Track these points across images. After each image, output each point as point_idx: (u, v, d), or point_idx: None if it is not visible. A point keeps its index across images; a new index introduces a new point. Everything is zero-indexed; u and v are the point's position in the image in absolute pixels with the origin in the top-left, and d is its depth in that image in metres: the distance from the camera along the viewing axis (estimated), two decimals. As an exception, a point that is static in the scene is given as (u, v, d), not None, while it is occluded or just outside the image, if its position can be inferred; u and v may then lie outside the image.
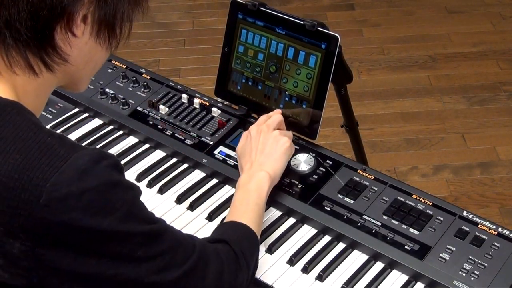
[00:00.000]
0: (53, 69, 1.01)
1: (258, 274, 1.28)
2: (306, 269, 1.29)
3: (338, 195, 1.40)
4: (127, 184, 0.99)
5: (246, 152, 1.41)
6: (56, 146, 0.93)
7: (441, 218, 1.33)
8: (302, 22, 1.49)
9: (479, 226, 1.31)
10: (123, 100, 1.67)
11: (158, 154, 1.57)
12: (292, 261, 1.30)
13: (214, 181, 1.50)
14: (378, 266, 1.30)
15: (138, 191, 1.02)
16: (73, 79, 1.08)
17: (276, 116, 1.47)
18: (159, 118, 1.63)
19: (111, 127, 1.65)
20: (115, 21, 1.04)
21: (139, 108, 1.66)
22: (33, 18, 0.94)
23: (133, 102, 1.68)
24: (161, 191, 1.47)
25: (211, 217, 1.40)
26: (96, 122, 1.67)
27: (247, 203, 1.30)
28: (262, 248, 1.33)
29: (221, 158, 1.51)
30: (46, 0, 0.94)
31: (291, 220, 1.40)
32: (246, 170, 1.38)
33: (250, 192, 1.32)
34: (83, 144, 1.58)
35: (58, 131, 1.62)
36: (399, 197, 1.38)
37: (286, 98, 1.54)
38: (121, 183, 0.97)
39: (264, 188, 1.33)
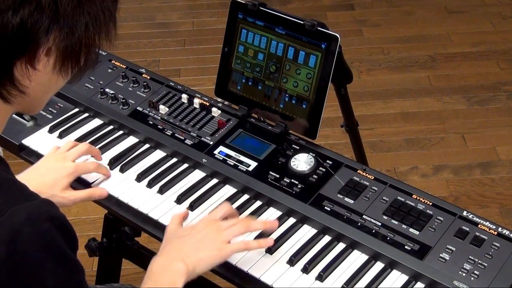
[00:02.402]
0: (10, 101, 0.94)
1: (258, 274, 1.28)
2: (306, 269, 1.28)
3: (338, 195, 1.40)
4: (70, 258, 0.87)
5: (179, 235, 1.25)
6: None
7: (441, 218, 1.33)
8: (302, 22, 1.49)
9: (479, 226, 1.31)
10: (123, 100, 1.67)
11: (158, 154, 1.57)
12: (292, 261, 1.30)
13: (214, 181, 1.50)
14: (378, 266, 1.30)
15: (81, 272, 0.90)
16: (29, 107, 1.01)
17: (235, 225, 1.27)
18: (159, 118, 1.63)
19: (111, 127, 1.65)
20: (81, 51, 0.94)
21: (139, 108, 1.66)
22: None
23: (133, 102, 1.68)
24: (161, 191, 1.46)
25: (211, 217, 1.40)
26: (96, 122, 1.67)
27: None
28: (262, 248, 1.33)
29: (221, 158, 1.51)
30: (8, 35, 0.85)
31: (291, 220, 1.40)
32: (165, 253, 1.22)
33: None
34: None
35: (58, 131, 1.62)
36: (399, 197, 1.38)
37: (286, 98, 1.54)
38: (63, 255, 0.86)
39: (177, 284, 1.16)
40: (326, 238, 1.36)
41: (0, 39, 0.85)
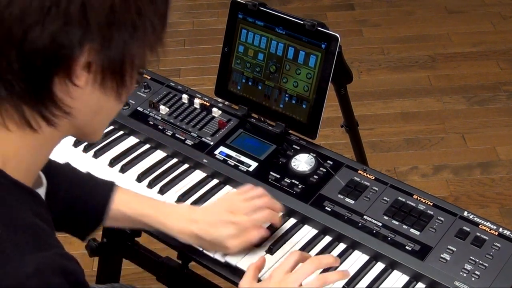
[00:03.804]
0: (55, 124, 0.87)
1: (259, 275, 1.27)
2: (306, 270, 1.28)
3: (339, 196, 1.40)
4: None
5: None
6: (4, 240, 0.79)
7: (442, 219, 1.33)
8: (302, 22, 1.49)
9: (479, 226, 1.31)
10: (123, 100, 1.66)
11: (159, 154, 1.57)
12: (292, 262, 1.30)
13: (215, 181, 1.49)
14: (379, 266, 1.30)
15: None
16: (82, 131, 0.95)
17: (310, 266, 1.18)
18: (159, 118, 1.63)
19: (111, 127, 1.65)
20: (123, 68, 0.87)
21: (140, 109, 1.66)
22: (25, 70, 0.81)
23: (134, 102, 1.67)
24: (162, 191, 1.46)
25: (211, 217, 1.39)
26: (96, 122, 1.67)
27: None
28: (263, 248, 1.33)
29: (222, 158, 1.51)
30: (39, 49, 0.79)
31: (292, 221, 1.40)
32: None
33: None
34: (84, 144, 1.58)
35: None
36: (399, 198, 1.38)
37: (286, 98, 1.54)
38: None
39: None
40: (327, 239, 1.36)
41: (33, 55, 0.80)
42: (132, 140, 1.61)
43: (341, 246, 1.34)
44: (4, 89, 0.82)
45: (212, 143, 1.55)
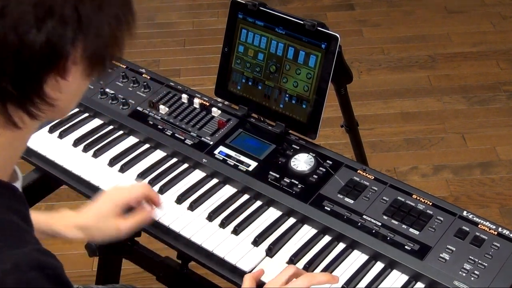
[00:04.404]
0: (38, 118, 0.87)
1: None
2: (306, 269, 1.28)
3: (338, 195, 1.40)
4: None
5: None
6: None
7: (441, 218, 1.33)
8: (302, 22, 1.49)
9: (479, 226, 1.31)
10: (123, 100, 1.67)
11: (158, 154, 1.57)
12: (292, 261, 1.30)
13: (214, 181, 1.49)
14: (378, 266, 1.30)
15: None
16: (58, 115, 0.96)
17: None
18: (159, 118, 1.63)
19: (111, 127, 1.65)
20: (106, 54, 0.89)
21: (139, 108, 1.66)
22: (21, 75, 0.81)
23: (133, 102, 1.68)
24: (161, 191, 1.46)
25: (211, 217, 1.40)
26: (96, 122, 1.67)
27: None
28: (262, 248, 1.33)
29: (221, 158, 1.51)
30: (35, 54, 0.80)
31: (291, 220, 1.40)
32: None
33: None
34: (83, 144, 1.58)
35: (58, 131, 1.62)
36: (399, 197, 1.38)
37: (286, 98, 1.54)
38: None
39: None
40: (326, 238, 1.36)
41: (28, 59, 0.80)
42: (131, 140, 1.61)
43: (341, 246, 1.34)
44: None
45: (211, 143, 1.55)
